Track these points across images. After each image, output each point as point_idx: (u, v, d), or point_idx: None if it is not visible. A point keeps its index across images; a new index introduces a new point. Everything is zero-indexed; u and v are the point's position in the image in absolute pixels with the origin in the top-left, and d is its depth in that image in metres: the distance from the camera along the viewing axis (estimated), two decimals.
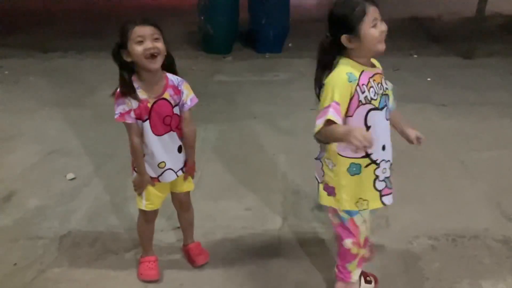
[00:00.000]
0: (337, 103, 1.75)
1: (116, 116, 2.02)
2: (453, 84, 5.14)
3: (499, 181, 3.19)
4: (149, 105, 2.00)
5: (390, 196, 1.99)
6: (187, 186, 2.32)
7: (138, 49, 1.91)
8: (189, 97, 2.10)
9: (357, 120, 1.82)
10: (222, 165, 2.78)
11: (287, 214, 2.83)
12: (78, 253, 2.54)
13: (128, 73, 2.00)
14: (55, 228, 2.74)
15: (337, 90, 1.76)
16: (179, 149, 2.16)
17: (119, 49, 1.96)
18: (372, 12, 1.76)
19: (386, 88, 1.90)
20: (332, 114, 1.73)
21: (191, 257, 2.43)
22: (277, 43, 6.58)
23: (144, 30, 1.91)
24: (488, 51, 6.20)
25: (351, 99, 1.79)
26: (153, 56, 1.93)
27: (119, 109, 2.00)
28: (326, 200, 2.00)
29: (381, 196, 1.96)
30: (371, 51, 1.82)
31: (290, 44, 6.67)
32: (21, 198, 3.05)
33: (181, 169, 2.20)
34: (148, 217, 2.30)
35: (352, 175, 1.91)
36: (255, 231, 2.71)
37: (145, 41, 1.91)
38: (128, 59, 1.96)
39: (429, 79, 5.34)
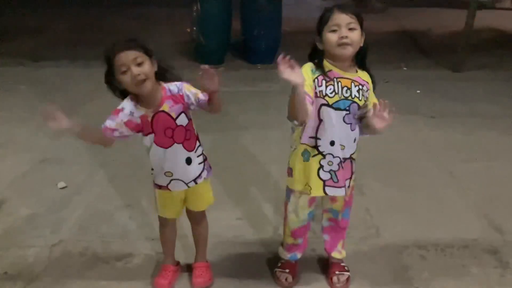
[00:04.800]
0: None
1: (102, 126, 2.02)
2: (442, 96, 5.21)
3: (487, 192, 3.24)
4: (149, 119, 1.99)
5: (334, 189, 2.12)
6: (200, 206, 2.31)
7: (125, 79, 1.88)
8: (199, 93, 2.01)
9: (313, 111, 1.99)
10: (214, 174, 2.78)
11: (278, 223, 2.83)
12: (69, 262, 2.54)
13: (125, 95, 2.00)
14: (46, 236, 2.73)
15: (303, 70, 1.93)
16: (188, 161, 2.10)
17: (110, 78, 1.93)
18: (336, 18, 1.90)
19: (355, 96, 1.99)
20: None
21: (192, 277, 2.39)
22: (269, 55, 6.60)
23: (125, 57, 1.85)
24: (477, 64, 6.28)
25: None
26: (141, 81, 1.89)
27: (107, 122, 2.01)
28: (287, 180, 2.25)
29: (324, 186, 2.11)
30: (332, 54, 1.95)
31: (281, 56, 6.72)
32: (11, 207, 3.04)
33: (194, 180, 2.15)
34: (162, 221, 2.33)
35: (303, 161, 2.11)
36: (246, 241, 2.73)
37: (129, 69, 1.86)
38: (121, 87, 1.94)
39: (418, 91, 5.40)
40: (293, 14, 8.31)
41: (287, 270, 2.39)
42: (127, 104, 2.01)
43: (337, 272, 2.37)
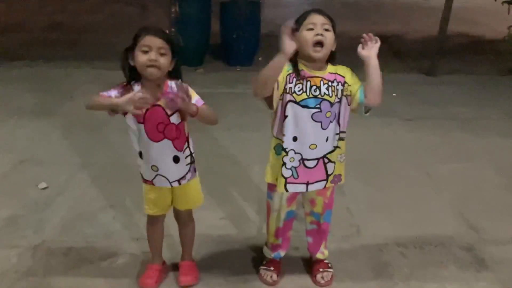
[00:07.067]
0: None
1: (105, 93, 2.00)
2: (417, 100, 5.34)
3: (462, 192, 3.36)
4: (143, 110, 2.00)
5: (294, 185, 2.19)
6: (187, 205, 2.32)
7: (141, 58, 1.94)
8: (193, 99, 2.02)
9: (279, 108, 2.10)
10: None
11: (261, 223, 2.88)
12: (53, 262, 2.53)
13: (130, 75, 2.03)
14: (29, 237, 2.72)
15: None
16: (175, 160, 2.13)
17: (127, 51, 1.99)
18: (313, 18, 2.01)
19: (325, 93, 2.07)
20: None
21: (179, 275, 2.42)
22: (248, 57, 6.66)
23: (152, 41, 1.93)
24: (450, 69, 6.46)
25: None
26: (151, 67, 1.94)
27: (111, 92, 2.00)
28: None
29: (286, 183, 2.17)
30: (305, 54, 2.03)
31: (260, 58, 6.77)
32: None
33: (178, 180, 2.17)
34: (149, 219, 2.34)
35: (277, 155, 2.19)
36: (230, 240, 2.76)
37: (150, 51, 1.93)
38: (132, 63, 1.99)
39: (394, 94, 5.52)
40: (272, 17, 8.37)
41: (272, 268, 2.44)
42: (135, 86, 2.04)
43: (321, 270, 2.43)
